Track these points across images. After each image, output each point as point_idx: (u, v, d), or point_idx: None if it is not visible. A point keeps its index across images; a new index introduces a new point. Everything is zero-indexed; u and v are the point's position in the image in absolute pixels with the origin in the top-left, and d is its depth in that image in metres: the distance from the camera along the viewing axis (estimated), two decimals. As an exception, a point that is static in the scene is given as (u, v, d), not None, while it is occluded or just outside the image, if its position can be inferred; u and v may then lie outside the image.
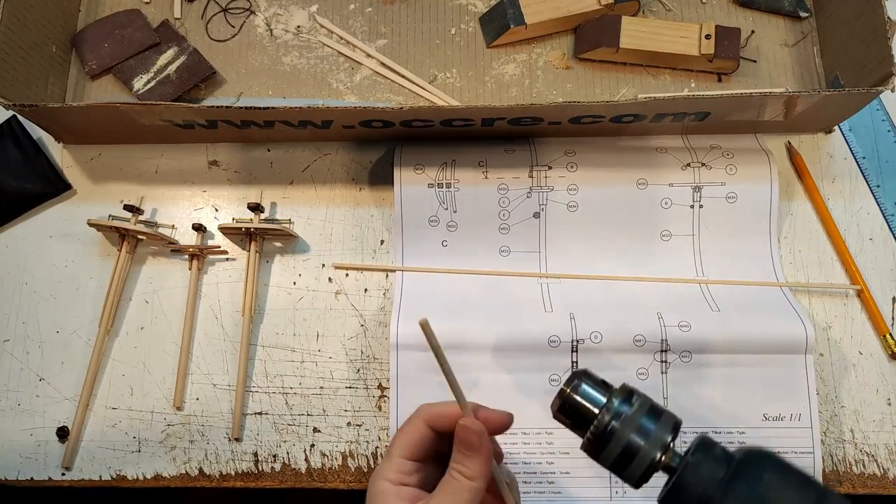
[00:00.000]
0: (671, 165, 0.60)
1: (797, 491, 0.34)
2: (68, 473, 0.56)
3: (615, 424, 0.37)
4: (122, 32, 0.65)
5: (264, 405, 0.58)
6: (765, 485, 0.34)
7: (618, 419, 0.37)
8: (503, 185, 0.60)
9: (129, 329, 0.60)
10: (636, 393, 0.39)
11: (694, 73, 0.65)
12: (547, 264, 0.60)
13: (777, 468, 0.35)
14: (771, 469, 0.35)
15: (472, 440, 0.41)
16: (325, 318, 0.60)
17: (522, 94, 0.65)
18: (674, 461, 0.37)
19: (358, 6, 0.67)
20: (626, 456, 0.37)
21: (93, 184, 0.64)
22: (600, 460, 0.38)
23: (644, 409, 0.38)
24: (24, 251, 0.62)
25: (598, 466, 0.39)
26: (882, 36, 0.56)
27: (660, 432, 0.37)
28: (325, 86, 0.65)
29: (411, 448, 0.43)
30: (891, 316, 0.59)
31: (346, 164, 0.64)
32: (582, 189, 0.59)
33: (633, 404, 0.38)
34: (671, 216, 0.60)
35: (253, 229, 0.59)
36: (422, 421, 0.44)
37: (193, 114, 0.57)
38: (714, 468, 0.35)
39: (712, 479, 0.35)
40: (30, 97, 0.60)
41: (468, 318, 0.57)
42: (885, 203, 0.62)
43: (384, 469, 0.42)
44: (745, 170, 0.59)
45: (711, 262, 0.60)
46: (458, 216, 0.60)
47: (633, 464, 0.37)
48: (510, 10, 0.64)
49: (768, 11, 0.66)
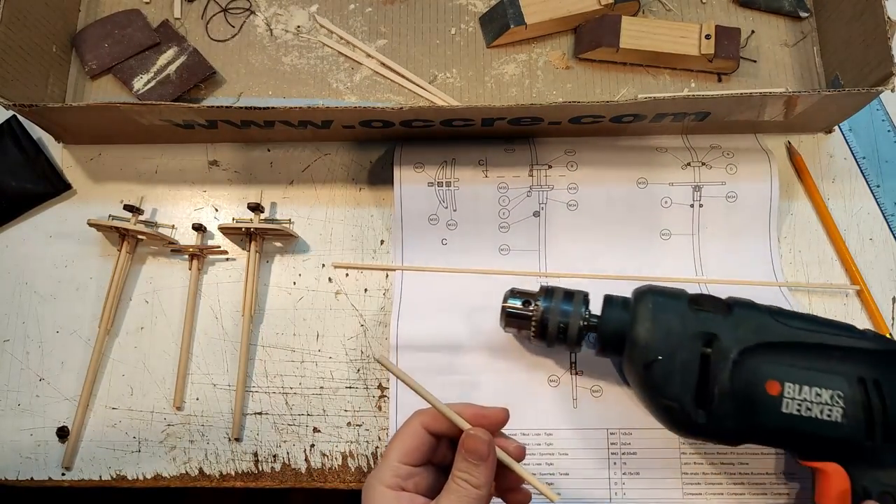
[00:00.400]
0: (671, 164, 0.60)
1: (674, 299, 0.49)
2: (68, 473, 0.56)
3: (546, 315, 0.51)
4: (122, 32, 0.65)
5: (264, 405, 0.58)
6: (653, 303, 0.48)
7: (547, 310, 0.51)
8: (503, 183, 0.60)
9: (129, 329, 0.60)
10: (553, 289, 0.52)
11: (694, 73, 0.65)
12: (546, 263, 0.60)
13: (658, 292, 0.49)
14: (654, 294, 0.49)
15: (482, 450, 0.41)
16: (325, 318, 0.60)
17: (522, 94, 0.65)
18: (592, 321, 0.51)
19: (358, 6, 0.67)
20: (562, 331, 0.51)
21: (93, 184, 0.64)
22: (547, 341, 0.51)
23: (560, 296, 0.51)
24: (24, 251, 0.62)
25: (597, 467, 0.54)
26: (882, 36, 0.56)
27: (577, 307, 0.51)
28: (325, 86, 0.65)
29: (409, 452, 0.43)
30: (891, 316, 0.59)
31: (346, 164, 0.64)
32: (582, 188, 0.59)
33: (553, 296, 0.51)
34: (671, 215, 0.60)
35: (253, 229, 0.59)
36: (419, 425, 0.43)
37: (193, 114, 0.57)
38: (620, 312, 0.50)
39: (621, 319, 0.49)
40: (30, 97, 0.60)
41: (467, 319, 0.58)
42: (885, 203, 0.62)
43: (381, 473, 0.42)
44: (746, 169, 0.59)
45: (711, 262, 0.60)
46: (457, 214, 0.60)
47: (568, 334, 0.51)
48: (510, 9, 0.64)
49: (768, 11, 0.66)
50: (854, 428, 0.45)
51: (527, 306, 0.51)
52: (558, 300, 0.51)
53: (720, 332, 0.47)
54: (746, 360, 0.46)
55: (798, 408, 0.45)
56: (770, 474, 0.54)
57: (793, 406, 0.45)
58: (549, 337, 0.51)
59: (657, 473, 0.54)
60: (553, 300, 0.51)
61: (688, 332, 0.47)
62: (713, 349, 0.46)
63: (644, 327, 0.48)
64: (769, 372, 0.46)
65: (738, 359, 0.46)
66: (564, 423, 0.56)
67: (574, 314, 0.50)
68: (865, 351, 0.46)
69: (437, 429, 0.43)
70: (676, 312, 0.48)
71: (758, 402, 0.45)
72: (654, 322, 0.48)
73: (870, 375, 0.45)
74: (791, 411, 0.45)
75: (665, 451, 0.55)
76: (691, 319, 0.47)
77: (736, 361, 0.46)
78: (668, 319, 0.48)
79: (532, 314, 0.51)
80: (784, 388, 0.45)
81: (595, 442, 0.55)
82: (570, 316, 0.50)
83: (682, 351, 0.47)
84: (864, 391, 0.45)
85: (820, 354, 0.46)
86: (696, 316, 0.48)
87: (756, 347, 0.46)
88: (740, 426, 0.46)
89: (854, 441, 0.45)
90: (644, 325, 0.48)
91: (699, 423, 0.46)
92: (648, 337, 0.47)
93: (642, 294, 0.50)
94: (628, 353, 0.49)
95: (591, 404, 0.56)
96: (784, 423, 0.45)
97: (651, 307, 0.48)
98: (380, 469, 0.42)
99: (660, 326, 0.47)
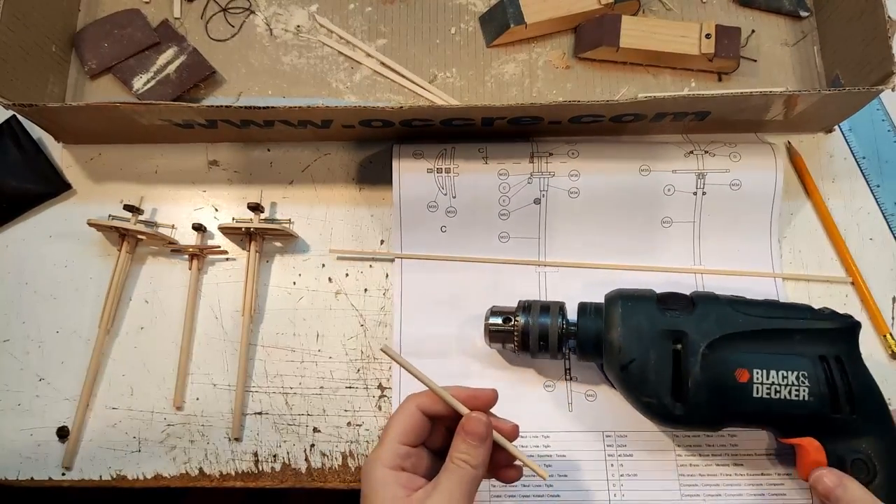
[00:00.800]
0: (674, 152, 0.59)
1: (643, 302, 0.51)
2: (68, 473, 0.56)
3: (526, 328, 0.53)
4: (122, 32, 0.65)
5: (264, 405, 0.58)
6: (623, 308, 0.51)
7: (526, 324, 0.53)
8: (503, 170, 0.59)
9: (129, 329, 0.60)
10: (530, 303, 0.54)
11: (694, 72, 0.65)
12: (546, 251, 0.60)
13: (627, 297, 0.52)
14: (623, 299, 0.52)
15: (482, 432, 0.43)
16: (325, 318, 0.60)
17: (522, 94, 0.65)
18: (570, 329, 0.53)
19: (358, 6, 0.67)
20: (543, 341, 0.53)
21: (93, 184, 0.64)
22: (530, 352, 0.54)
23: (537, 310, 0.54)
24: (24, 251, 0.62)
25: (595, 469, 0.55)
26: (882, 35, 0.55)
27: (554, 319, 0.53)
28: (324, 85, 0.65)
29: (406, 433, 0.44)
30: (891, 315, 0.59)
31: (345, 164, 0.64)
32: (584, 175, 0.59)
33: (531, 311, 0.54)
34: (673, 203, 0.59)
35: (253, 229, 0.59)
36: (415, 407, 0.45)
37: (193, 113, 0.57)
38: (593, 320, 0.52)
39: (596, 325, 0.52)
40: (30, 97, 0.60)
41: (466, 322, 0.58)
42: (885, 203, 0.62)
43: (381, 454, 0.43)
44: (750, 158, 0.59)
45: (709, 250, 0.59)
46: (457, 201, 0.59)
47: (549, 343, 0.53)
48: (510, 9, 0.64)
49: (768, 11, 0.66)
50: (821, 404, 0.48)
51: (507, 322, 0.54)
52: (536, 314, 0.53)
53: (687, 329, 0.50)
54: (714, 353, 0.49)
55: (768, 391, 0.48)
56: (767, 475, 0.54)
57: (762, 390, 0.48)
58: (532, 348, 0.53)
59: (654, 475, 0.54)
60: (531, 314, 0.53)
61: (657, 331, 0.50)
62: (682, 345, 0.49)
63: (617, 332, 0.50)
64: (737, 361, 0.49)
65: (707, 352, 0.49)
66: (560, 425, 0.56)
67: (552, 325, 0.53)
68: (824, 330, 0.50)
69: (433, 411, 0.45)
70: (645, 315, 0.51)
71: (730, 391, 0.48)
72: (625, 326, 0.50)
73: (830, 353, 0.49)
74: (762, 395, 0.48)
75: (660, 454, 0.55)
76: (659, 319, 0.50)
77: (705, 355, 0.49)
78: (638, 322, 0.50)
79: (513, 329, 0.53)
80: (752, 374, 0.48)
81: (591, 444, 0.55)
82: (549, 327, 0.53)
83: (653, 350, 0.50)
84: (826, 368, 0.49)
85: (782, 339, 0.49)
86: (663, 316, 0.50)
87: (721, 339, 0.49)
88: (716, 413, 0.49)
89: (822, 416, 0.48)
90: (616, 330, 0.51)
91: (677, 414, 0.49)
92: (622, 341, 0.50)
93: (613, 300, 0.52)
94: (606, 356, 0.52)
95: (585, 408, 0.56)
96: (757, 407, 0.48)
97: (621, 312, 0.51)
98: (379, 449, 0.43)
99: (630, 330, 0.50)
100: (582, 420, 0.56)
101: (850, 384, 0.48)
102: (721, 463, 0.55)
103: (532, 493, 0.54)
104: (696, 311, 0.50)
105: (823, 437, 0.49)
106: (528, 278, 0.60)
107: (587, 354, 0.53)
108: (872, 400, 0.49)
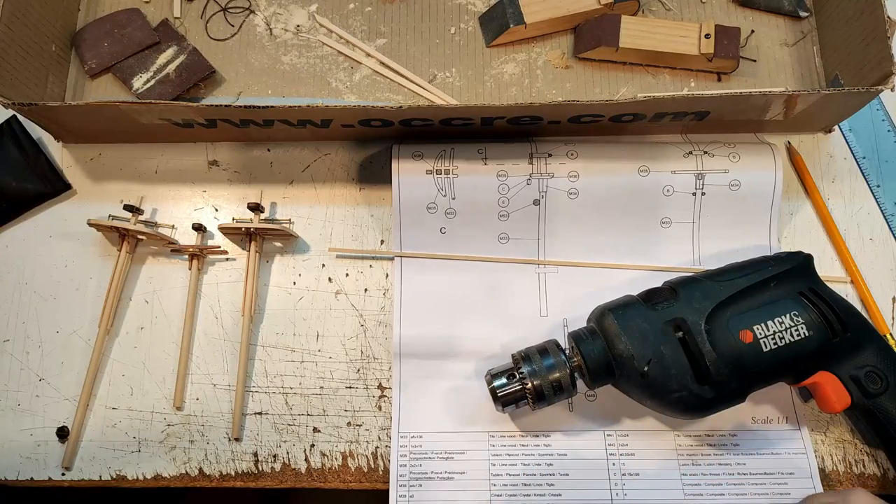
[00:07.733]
0: (673, 153, 0.59)
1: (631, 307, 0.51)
2: (68, 473, 0.56)
3: (534, 382, 0.51)
4: (122, 31, 0.65)
5: (264, 405, 0.58)
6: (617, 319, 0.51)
7: (533, 378, 0.51)
8: (503, 171, 0.59)
9: (129, 329, 0.60)
10: (527, 353, 0.53)
11: (693, 72, 0.65)
12: (546, 252, 0.60)
13: (613, 308, 0.52)
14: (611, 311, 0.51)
15: None
16: (325, 318, 0.60)
17: (522, 94, 0.65)
18: (575, 361, 0.52)
19: (357, 5, 0.67)
20: (556, 388, 0.51)
21: (93, 184, 0.64)
22: (547, 401, 0.52)
23: (537, 357, 0.52)
24: (24, 251, 0.62)
25: (596, 468, 0.55)
26: (882, 35, 0.55)
27: (557, 359, 0.52)
28: (324, 85, 0.65)
29: None
30: (891, 316, 0.59)
31: (345, 164, 0.64)
32: (583, 176, 0.59)
33: (531, 360, 0.52)
34: (672, 203, 0.59)
35: (253, 229, 0.59)
36: None
37: (193, 113, 0.57)
38: (593, 341, 0.51)
39: (599, 346, 0.51)
40: (30, 96, 0.60)
41: (466, 325, 0.58)
42: (885, 203, 0.62)
43: None
44: (749, 158, 0.59)
45: (709, 250, 0.60)
46: (456, 203, 0.59)
47: (563, 389, 0.51)
48: (510, 9, 0.64)
49: (768, 11, 0.66)
50: (821, 333, 0.51)
51: (512, 380, 0.52)
52: (537, 360, 0.52)
53: (682, 314, 0.51)
54: (714, 325, 0.50)
55: (774, 342, 0.50)
56: (769, 473, 0.54)
57: (770, 343, 0.50)
58: (547, 395, 0.52)
59: (657, 474, 0.55)
60: (533, 362, 0.52)
61: (658, 327, 0.50)
62: (684, 331, 0.50)
63: (623, 342, 0.50)
64: (736, 325, 0.50)
65: (708, 327, 0.50)
66: (561, 425, 0.56)
67: (559, 364, 0.52)
68: (789, 270, 0.53)
69: None
70: (639, 316, 0.51)
71: (743, 355, 0.50)
72: (627, 334, 0.50)
73: (804, 287, 0.52)
74: (771, 347, 0.50)
75: (662, 453, 0.55)
76: (654, 316, 0.51)
77: (707, 330, 0.50)
78: (637, 325, 0.51)
79: (523, 385, 0.51)
80: (755, 331, 0.50)
81: (592, 443, 0.55)
82: (557, 368, 0.51)
83: (664, 346, 0.50)
84: (809, 301, 0.51)
85: (761, 291, 0.52)
86: (655, 311, 0.51)
87: (714, 311, 0.50)
88: (741, 382, 0.50)
89: (826, 343, 0.51)
90: (622, 341, 0.50)
91: (709, 398, 0.50)
92: (632, 348, 0.50)
93: (602, 315, 0.52)
94: (620, 370, 0.51)
95: (585, 408, 0.56)
96: (772, 360, 0.50)
97: (617, 322, 0.51)
98: None
99: (634, 335, 0.50)
100: (582, 420, 0.56)
101: (832, 307, 0.51)
102: (723, 462, 0.55)
103: (533, 492, 0.54)
104: (681, 296, 0.51)
105: (833, 365, 0.51)
106: (528, 279, 0.60)
107: (599, 379, 0.52)
108: (854, 314, 0.52)
